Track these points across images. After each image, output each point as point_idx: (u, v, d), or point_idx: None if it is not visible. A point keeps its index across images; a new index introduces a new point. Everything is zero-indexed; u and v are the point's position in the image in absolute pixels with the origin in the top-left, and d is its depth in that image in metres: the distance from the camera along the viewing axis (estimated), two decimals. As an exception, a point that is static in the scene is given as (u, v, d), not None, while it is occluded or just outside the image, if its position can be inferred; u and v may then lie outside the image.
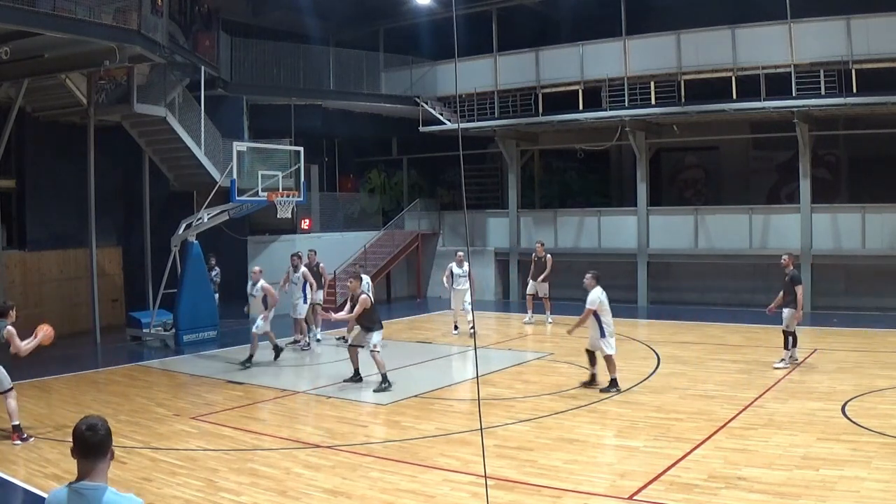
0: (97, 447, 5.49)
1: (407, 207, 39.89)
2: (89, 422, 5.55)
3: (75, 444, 5.53)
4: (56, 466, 13.19)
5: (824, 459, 12.38)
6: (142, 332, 26.84)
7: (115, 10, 23.21)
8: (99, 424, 5.53)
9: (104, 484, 5.50)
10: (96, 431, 5.50)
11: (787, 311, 19.82)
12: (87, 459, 5.53)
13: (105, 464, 5.54)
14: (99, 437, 5.49)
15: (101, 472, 5.52)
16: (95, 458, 5.50)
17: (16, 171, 28.22)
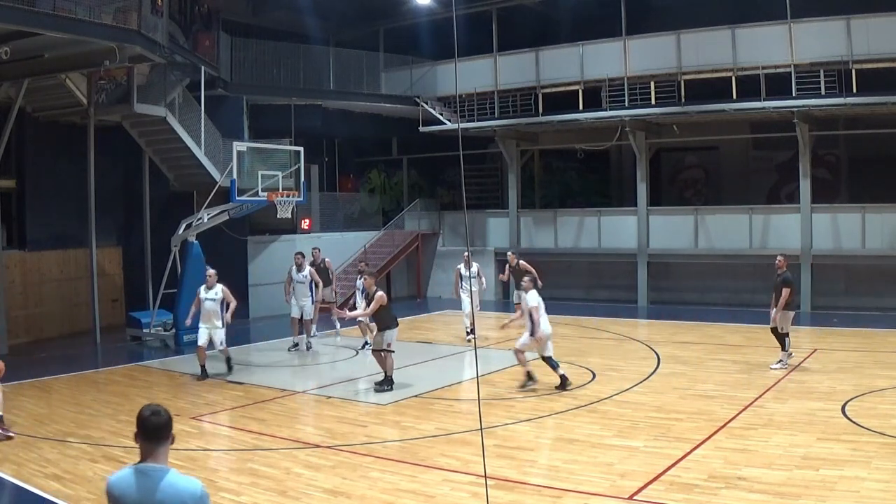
0: (160, 431, 5.73)
1: (407, 207, 39.91)
2: (153, 408, 5.79)
3: (139, 429, 5.74)
4: (56, 466, 13.18)
5: (824, 459, 12.38)
6: (142, 332, 26.84)
7: (115, 10, 23.20)
8: (162, 410, 5.78)
9: (166, 466, 5.71)
10: (160, 416, 5.74)
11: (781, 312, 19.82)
12: (150, 443, 5.73)
13: (166, 447, 5.77)
14: (162, 421, 5.74)
15: (164, 455, 5.74)
16: (158, 442, 5.72)
17: (16, 171, 28.20)
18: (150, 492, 5.57)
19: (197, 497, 5.65)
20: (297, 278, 24.56)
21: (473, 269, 25.40)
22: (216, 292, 20.63)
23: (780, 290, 19.80)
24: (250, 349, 25.78)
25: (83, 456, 13.80)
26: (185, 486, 5.66)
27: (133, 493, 5.61)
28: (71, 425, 16.07)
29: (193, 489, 5.68)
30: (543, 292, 19.23)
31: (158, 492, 5.57)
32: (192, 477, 5.84)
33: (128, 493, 5.63)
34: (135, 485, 5.63)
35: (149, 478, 5.63)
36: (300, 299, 24.55)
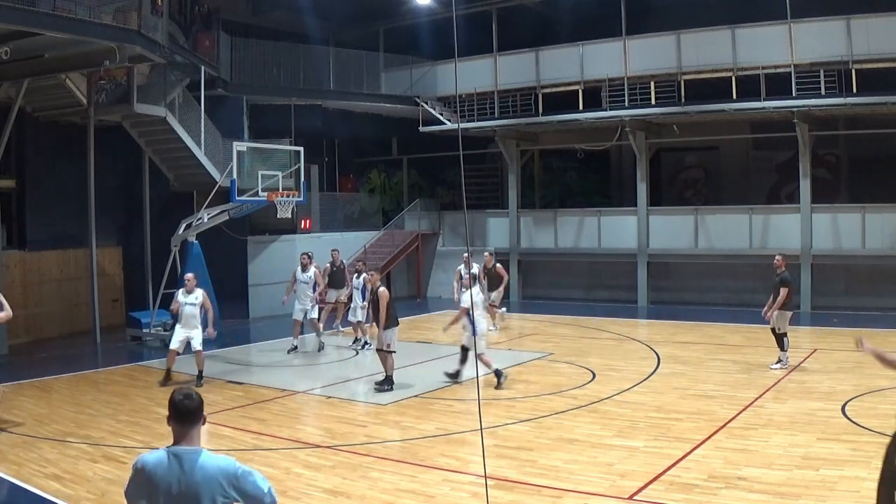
0: (192, 414, 5.97)
1: (407, 207, 39.91)
2: (184, 391, 6.05)
3: (172, 412, 5.99)
4: (56, 466, 13.18)
5: (824, 459, 12.39)
6: (142, 332, 26.84)
7: (114, 10, 23.21)
8: (193, 394, 6.04)
9: (199, 447, 5.94)
10: (192, 400, 5.99)
11: (776, 312, 19.82)
12: (182, 425, 5.96)
13: (198, 429, 5.99)
14: (193, 405, 5.99)
15: (196, 437, 5.97)
16: (190, 424, 5.97)
17: (16, 171, 28.20)
18: (187, 473, 5.79)
19: (229, 473, 5.89)
20: (302, 279, 24.23)
21: (474, 269, 23.61)
22: (196, 297, 20.26)
23: (778, 290, 19.79)
24: (250, 349, 25.79)
25: (83, 456, 13.81)
26: (219, 465, 5.89)
27: (169, 475, 5.79)
28: (71, 425, 16.07)
29: (225, 466, 5.91)
30: (542, 292, 19.23)
31: (194, 473, 5.80)
32: (226, 456, 6.06)
33: (163, 476, 5.80)
34: (170, 467, 5.82)
35: (183, 460, 5.83)
36: (303, 300, 24.22)
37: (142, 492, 5.91)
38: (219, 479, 5.83)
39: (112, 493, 11.73)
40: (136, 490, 5.94)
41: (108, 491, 11.87)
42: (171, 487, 5.78)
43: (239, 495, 5.90)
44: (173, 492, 5.78)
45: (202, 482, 5.79)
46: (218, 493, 5.82)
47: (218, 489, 5.82)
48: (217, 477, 5.83)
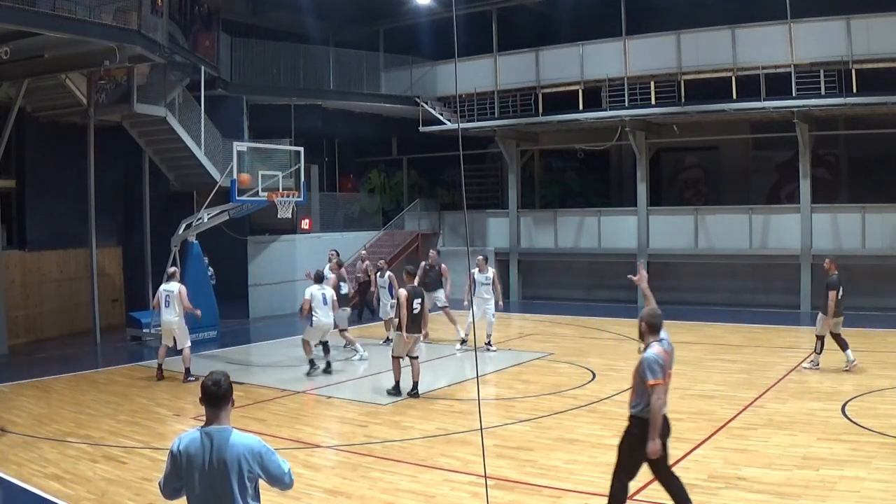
0: (222, 397, 6.75)
1: (407, 207, 39.89)
2: (214, 377, 6.78)
3: (203, 396, 6.73)
4: (56, 466, 13.19)
5: (824, 459, 12.39)
6: (142, 332, 26.83)
7: (115, 10, 23.22)
8: (222, 380, 6.79)
9: (229, 426, 6.67)
10: (220, 386, 6.75)
11: (820, 315, 19.40)
12: (213, 408, 6.71)
13: (227, 411, 6.76)
14: (222, 390, 6.76)
15: (225, 418, 6.71)
16: (221, 407, 6.74)
17: (16, 171, 28.19)
18: (218, 450, 6.49)
19: (255, 450, 6.59)
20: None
21: (489, 273, 23.76)
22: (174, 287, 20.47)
23: (824, 293, 19.36)
24: (250, 349, 25.78)
25: (83, 456, 13.81)
26: (244, 442, 6.60)
27: (202, 453, 6.51)
28: (71, 425, 16.07)
29: (251, 443, 6.63)
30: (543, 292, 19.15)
31: (225, 449, 6.50)
32: (250, 434, 6.80)
33: (197, 453, 6.53)
34: (203, 445, 6.54)
35: (214, 438, 6.55)
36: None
37: (178, 471, 6.62)
38: (246, 456, 6.50)
39: (112, 493, 11.74)
40: (173, 471, 6.67)
41: (107, 491, 11.88)
42: (204, 463, 6.49)
43: (262, 472, 6.59)
44: (206, 467, 6.48)
45: (231, 458, 6.45)
46: (245, 468, 6.47)
47: (245, 465, 6.48)
48: (245, 453, 6.51)
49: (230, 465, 6.43)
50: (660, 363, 9.30)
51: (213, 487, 6.46)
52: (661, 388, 9.25)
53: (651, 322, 9.63)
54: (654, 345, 9.48)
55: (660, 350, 9.43)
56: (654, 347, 9.46)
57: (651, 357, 9.34)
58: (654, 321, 9.66)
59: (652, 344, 9.50)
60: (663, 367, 9.32)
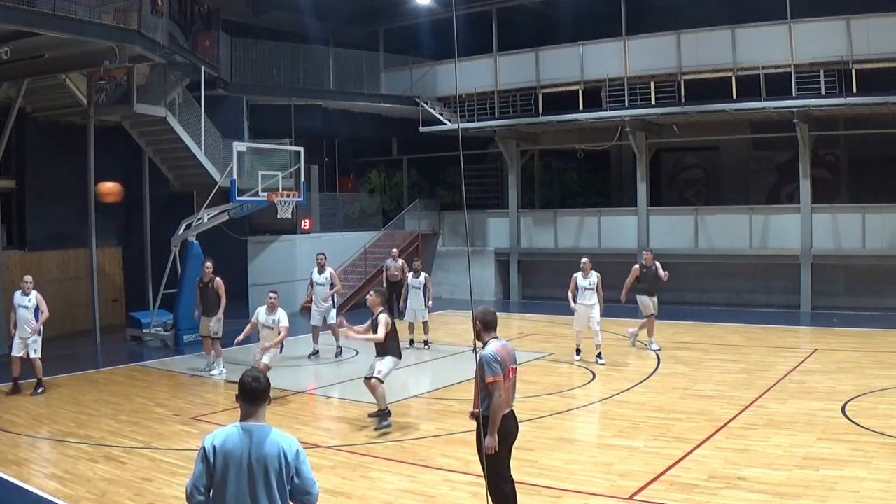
0: (260, 394, 6.72)
1: (407, 207, 39.89)
2: (252, 374, 6.82)
3: (241, 392, 6.76)
4: (56, 466, 13.21)
5: (824, 459, 12.39)
6: (142, 332, 26.84)
7: (115, 11, 23.21)
8: (261, 377, 6.81)
9: (266, 424, 6.66)
10: (259, 382, 6.74)
11: None
12: (250, 405, 6.71)
13: (264, 408, 6.76)
14: (261, 386, 6.74)
15: (262, 415, 6.71)
16: (258, 404, 6.71)
17: (16, 171, 28.20)
18: (257, 446, 6.45)
19: (294, 452, 6.59)
20: (318, 280, 23.75)
21: (593, 278, 21.89)
22: (30, 299, 19.29)
23: None
24: (250, 349, 25.75)
25: (83, 456, 13.81)
26: (287, 442, 6.57)
27: (241, 448, 6.46)
28: (71, 425, 16.07)
29: (293, 444, 6.62)
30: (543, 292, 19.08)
31: (264, 445, 6.47)
32: (290, 435, 6.74)
33: (235, 449, 6.46)
34: (241, 440, 6.49)
35: (253, 434, 6.51)
36: (319, 304, 23.64)
37: (212, 468, 6.48)
38: (286, 454, 6.50)
39: (112, 493, 11.74)
40: (204, 469, 6.50)
41: (107, 491, 11.88)
42: (242, 459, 6.42)
43: (297, 475, 6.63)
44: (244, 463, 6.42)
45: (271, 454, 6.43)
46: (283, 465, 6.47)
47: (283, 462, 6.47)
48: (284, 452, 6.50)
49: (270, 461, 6.43)
50: (497, 360, 9.33)
51: (250, 485, 6.41)
52: (501, 385, 9.26)
53: (484, 320, 9.67)
54: (492, 342, 9.52)
55: (497, 347, 9.47)
56: (491, 345, 9.50)
57: (488, 354, 9.37)
58: (488, 318, 9.70)
59: (489, 342, 9.54)
60: (502, 364, 9.34)
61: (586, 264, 22.04)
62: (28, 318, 19.18)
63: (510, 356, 9.55)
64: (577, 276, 21.96)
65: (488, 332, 9.63)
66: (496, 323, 9.75)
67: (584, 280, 21.78)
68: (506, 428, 9.37)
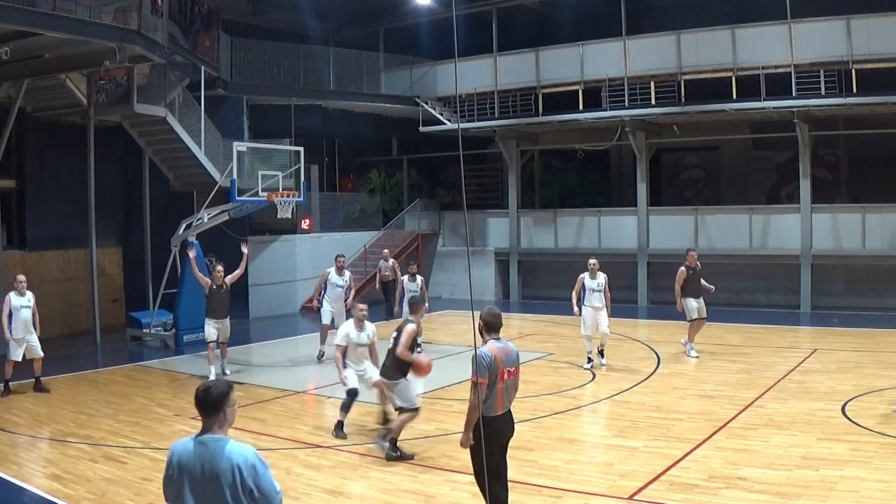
0: (214, 405, 6.36)
1: (407, 207, 39.90)
2: (206, 384, 6.54)
3: (196, 402, 6.44)
4: (56, 466, 13.20)
5: (824, 459, 12.39)
6: (142, 332, 26.84)
7: (115, 10, 23.21)
8: (213, 387, 6.48)
9: (225, 436, 6.31)
10: (210, 393, 6.40)
11: None
12: (206, 416, 6.37)
13: (223, 420, 6.36)
14: (211, 397, 6.37)
15: (218, 427, 6.33)
16: (213, 415, 6.35)
17: (16, 171, 28.18)
18: (210, 460, 6.16)
19: (250, 464, 6.16)
20: (337, 282, 22.92)
21: (601, 279, 21.36)
22: (28, 299, 19.42)
23: None
24: (251, 349, 25.76)
25: (83, 456, 13.81)
26: (241, 455, 6.18)
27: (195, 461, 6.22)
28: (71, 425, 16.08)
29: (248, 457, 6.20)
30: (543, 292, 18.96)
31: (218, 460, 6.15)
32: (246, 445, 6.34)
33: (189, 461, 6.25)
34: (195, 453, 6.23)
35: (208, 447, 6.22)
36: (335, 306, 22.98)
37: (172, 479, 6.34)
38: (241, 468, 6.12)
39: (112, 493, 11.74)
40: (168, 479, 6.38)
41: (107, 491, 11.88)
42: (195, 473, 6.19)
43: (255, 487, 6.15)
44: (197, 476, 6.18)
45: (225, 469, 6.11)
46: (238, 481, 6.09)
47: (238, 477, 6.10)
48: (240, 465, 6.13)
49: (224, 476, 6.12)
50: (486, 362, 9.29)
51: (204, 499, 6.19)
52: (481, 388, 9.22)
53: (486, 320, 9.67)
54: (490, 343, 9.51)
55: (493, 348, 9.43)
56: (487, 346, 9.49)
57: (479, 355, 9.33)
58: (490, 319, 9.69)
59: (488, 342, 9.54)
60: (492, 367, 9.31)
61: (594, 265, 21.42)
62: (29, 318, 19.15)
63: (509, 358, 9.52)
64: (583, 276, 21.39)
65: (489, 332, 9.61)
66: (499, 324, 9.73)
67: (591, 281, 21.19)
68: (498, 429, 9.39)
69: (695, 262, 22.55)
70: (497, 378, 9.31)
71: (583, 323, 21.13)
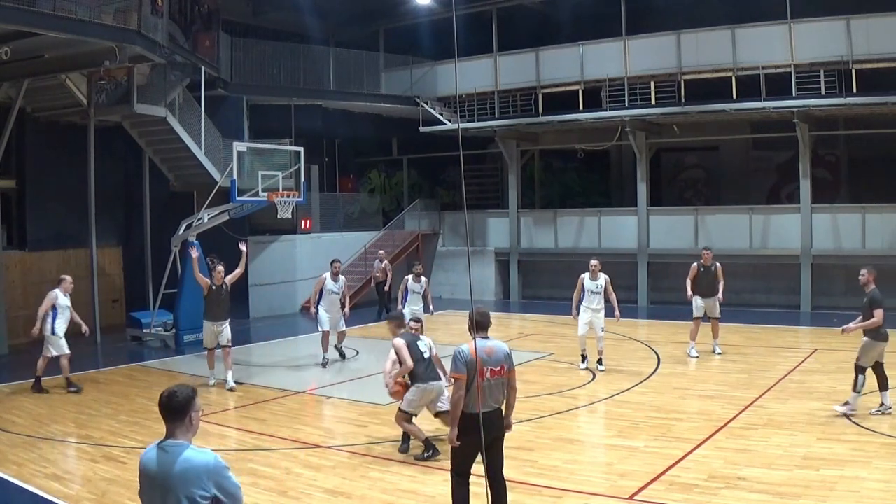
0: (174, 411, 6.20)
1: (407, 207, 39.91)
2: (170, 389, 6.28)
3: (159, 409, 6.27)
4: (56, 466, 13.22)
5: (824, 459, 12.39)
6: (142, 332, 26.87)
7: (115, 11, 23.24)
8: (178, 392, 6.25)
9: (186, 442, 6.18)
10: (175, 398, 6.21)
11: (864, 339, 15.38)
12: (169, 422, 6.23)
13: (185, 426, 6.23)
14: (175, 402, 6.20)
15: (181, 432, 6.21)
16: (174, 421, 6.21)
17: (16, 172, 28.20)
18: (169, 465, 6.04)
19: (210, 469, 6.07)
20: (332, 288, 22.36)
21: (601, 280, 20.94)
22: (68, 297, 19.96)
23: (867, 313, 15.38)
24: (251, 349, 25.75)
25: (83, 456, 13.84)
26: (199, 460, 6.07)
27: (155, 468, 6.12)
28: (71, 425, 16.10)
29: (206, 461, 6.09)
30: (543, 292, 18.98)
31: (175, 465, 6.02)
32: (206, 450, 6.23)
33: (151, 468, 6.16)
34: (156, 460, 6.14)
35: (168, 454, 6.10)
36: (332, 311, 22.37)
37: (141, 487, 6.28)
38: (199, 474, 6.02)
39: (112, 493, 11.74)
40: (140, 487, 6.29)
41: (108, 491, 11.89)
42: (154, 479, 6.11)
43: (218, 491, 6.07)
44: (155, 483, 6.10)
45: (180, 475, 5.99)
46: (196, 487, 5.99)
47: (196, 483, 5.99)
48: (198, 471, 6.03)
49: (181, 483, 5.98)
50: (463, 358, 9.59)
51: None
52: (460, 383, 9.57)
53: (476, 319, 9.76)
54: (475, 342, 9.59)
55: (470, 347, 9.59)
56: (468, 344, 9.67)
57: (456, 351, 9.74)
58: (477, 318, 9.79)
59: (474, 340, 9.61)
60: (467, 363, 9.54)
61: (595, 266, 21.08)
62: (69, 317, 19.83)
63: (493, 357, 9.67)
64: (584, 277, 21.08)
65: (477, 331, 9.71)
66: (486, 323, 9.97)
67: (591, 283, 20.86)
68: (475, 427, 9.38)
69: (709, 261, 22.26)
70: (475, 375, 9.48)
71: (580, 324, 20.92)
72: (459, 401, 9.52)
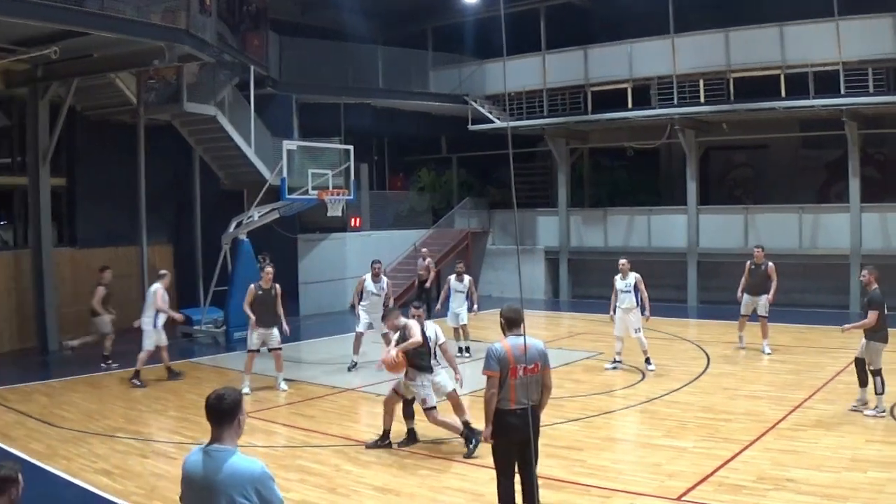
0: (222, 415, 6.16)
1: (457, 206, 39.98)
2: (218, 392, 6.24)
3: (206, 411, 6.22)
4: (106, 461, 13.33)
5: (873, 461, 12.31)
6: (193, 328, 27.04)
7: (163, 10, 23.33)
8: (226, 395, 6.22)
9: (232, 447, 6.12)
10: (223, 401, 6.17)
11: (863, 340, 16.03)
12: (216, 426, 6.17)
13: (233, 430, 6.19)
14: (224, 406, 6.16)
15: (228, 437, 6.15)
16: (220, 425, 6.15)
17: (66, 170, 28.45)
18: (214, 471, 5.98)
19: (256, 477, 5.99)
20: (373, 290, 21.72)
21: (630, 279, 20.57)
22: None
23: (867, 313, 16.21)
24: (301, 346, 25.85)
25: (133, 451, 13.96)
26: (245, 467, 6.02)
27: (200, 472, 6.04)
28: (121, 421, 16.24)
29: (253, 469, 6.03)
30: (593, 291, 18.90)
31: (221, 472, 5.96)
32: (253, 458, 6.17)
33: (195, 473, 6.08)
34: (201, 464, 6.06)
35: (213, 459, 6.04)
36: (372, 313, 21.64)
37: (183, 493, 6.26)
38: (244, 481, 5.96)
39: (161, 489, 11.84)
40: (182, 493, 6.29)
41: (157, 486, 12.00)
42: (197, 483, 6.07)
43: (260, 501, 5.99)
44: (196, 487, 6.07)
45: (225, 480, 5.94)
46: (238, 494, 5.92)
47: (240, 489, 5.93)
48: (243, 478, 5.98)
49: (224, 489, 5.92)
50: (495, 356, 9.56)
51: None
52: (493, 380, 9.52)
53: (506, 317, 9.93)
54: (507, 339, 9.73)
55: (506, 344, 9.65)
56: (501, 341, 9.75)
57: (489, 349, 9.71)
58: (508, 315, 9.93)
59: (507, 337, 9.75)
60: (500, 360, 9.53)
61: (624, 265, 20.81)
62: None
63: (526, 355, 9.60)
64: (616, 278, 20.85)
65: (509, 328, 9.84)
66: (518, 320, 9.87)
67: (621, 282, 20.66)
68: (511, 423, 9.58)
69: (760, 259, 22.44)
70: (508, 373, 9.51)
71: (615, 325, 20.90)
72: (492, 398, 9.53)
